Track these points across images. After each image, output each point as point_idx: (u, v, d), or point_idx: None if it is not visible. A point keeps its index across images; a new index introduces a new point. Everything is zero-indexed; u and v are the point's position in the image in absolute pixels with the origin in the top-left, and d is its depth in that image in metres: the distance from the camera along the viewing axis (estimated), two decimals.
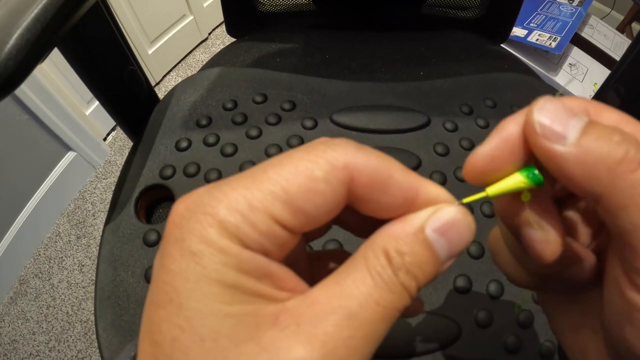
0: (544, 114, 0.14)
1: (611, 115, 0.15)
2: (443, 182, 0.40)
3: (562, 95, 0.15)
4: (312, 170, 0.12)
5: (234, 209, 0.12)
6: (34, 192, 1.31)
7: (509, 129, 0.15)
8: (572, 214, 0.18)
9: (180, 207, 0.13)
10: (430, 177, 0.40)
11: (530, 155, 0.14)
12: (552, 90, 0.52)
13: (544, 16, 1.39)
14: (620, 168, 0.12)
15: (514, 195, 0.16)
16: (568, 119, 0.13)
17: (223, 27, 0.67)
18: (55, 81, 1.31)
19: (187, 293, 0.11)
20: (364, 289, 0.12)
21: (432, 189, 0.14)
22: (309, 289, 0.13)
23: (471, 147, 0.43)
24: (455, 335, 0.33)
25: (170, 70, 1.85)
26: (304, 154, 0.13)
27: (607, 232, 0.15)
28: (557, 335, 0.18)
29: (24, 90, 1.14)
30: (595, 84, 1.30)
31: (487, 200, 0.39)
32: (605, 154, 0.12)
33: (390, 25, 0.65)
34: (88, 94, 0.48)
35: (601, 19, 1.54)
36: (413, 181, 0.14)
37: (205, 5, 1.90)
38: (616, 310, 0.14)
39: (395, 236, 0.13)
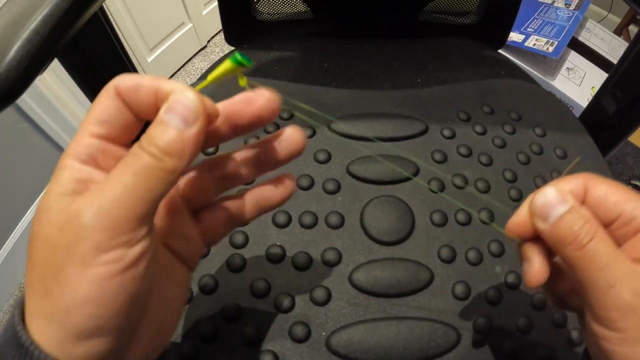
0: (542, 198, 0.22)
1: (602, 187, 0.22)
2: (441, 189, 0.40)
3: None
4: (100, 97, 0.19)
5: (73, 142, 0.19)
6: (34, 200, 1.32)
7: (528, 202, 0.23)
8: None
9: None
10: (428, 184, 0.40)
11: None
12: (549, 95, 0.53)
13: (541, 21, 1.40)
14: (571, 246, 0.20)
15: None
16: (556, 205, 0.21)
17: (222, 34, 0.68)
18: (55, 89, 1.31)
19: (46, 197, 0.18)
20: (121, 164, 0.18)
21: (167, 85, 0.19)
22: None
23: (469, 154, 0.43)
24: (454, 342, 0.33)
25: (170, 78, 1.86)
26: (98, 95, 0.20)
27: None
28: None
29: (24, 99, 1.15)
30: (593, 87, 1.31)
31: (484, 208, 0.40)
32: (564, 235, 0.21)
33: (388, 33, 0.65)
34: (88, 102, 0.48)
35: (598, 22, 1.55)
36: (154, 82, 0.19)
37: (204, 13, 1.91)
38: (589, 333, 0.21)
39: (148, 131, 0.19)
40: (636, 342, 0.19)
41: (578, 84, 1.31)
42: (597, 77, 1.34)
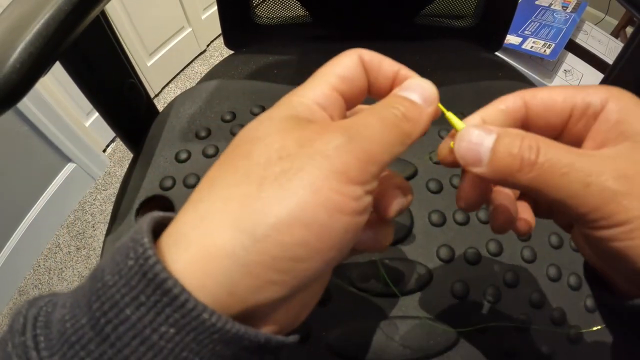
0: (461, 147, 0.19)
1: (543, 93, 0.21)
2: (439, 190, 0.40)
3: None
4: (343, 59, 0.20)
5: (312, 89, 0.20)
6: (34, 203, 1.32)
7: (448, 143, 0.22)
8: None
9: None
10: (426, 185, 0.41)
11: None
12: None
13: (539, 23, 1.41)
14: (520, 174, 0.18)
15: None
16: (480, 145, 0.19)
17: (221, 39, 0.68)
18: (55, 92, 1.31)
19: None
20: (372, 108, 0.19)
21: (407, 71, 0.21)
22: None
23: None
24: (453, 341, 0.34)
25: (169, 82, 1.87)
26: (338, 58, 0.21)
27: None
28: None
29: (24, 102, 1.15)
30: None
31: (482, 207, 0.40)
32: (508, 168, 0.18)
33: (386, 35, 0.66)
34: (87, 105, 0.48)
35: (595, 24, 1.56)
36: (396, 64, 0.21)
37: (203, 17, 1.92)
38: (593, 247, 0.20)
39: (388, 100, 0.20)
40: None
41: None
42: (594, 79, 1.34)
